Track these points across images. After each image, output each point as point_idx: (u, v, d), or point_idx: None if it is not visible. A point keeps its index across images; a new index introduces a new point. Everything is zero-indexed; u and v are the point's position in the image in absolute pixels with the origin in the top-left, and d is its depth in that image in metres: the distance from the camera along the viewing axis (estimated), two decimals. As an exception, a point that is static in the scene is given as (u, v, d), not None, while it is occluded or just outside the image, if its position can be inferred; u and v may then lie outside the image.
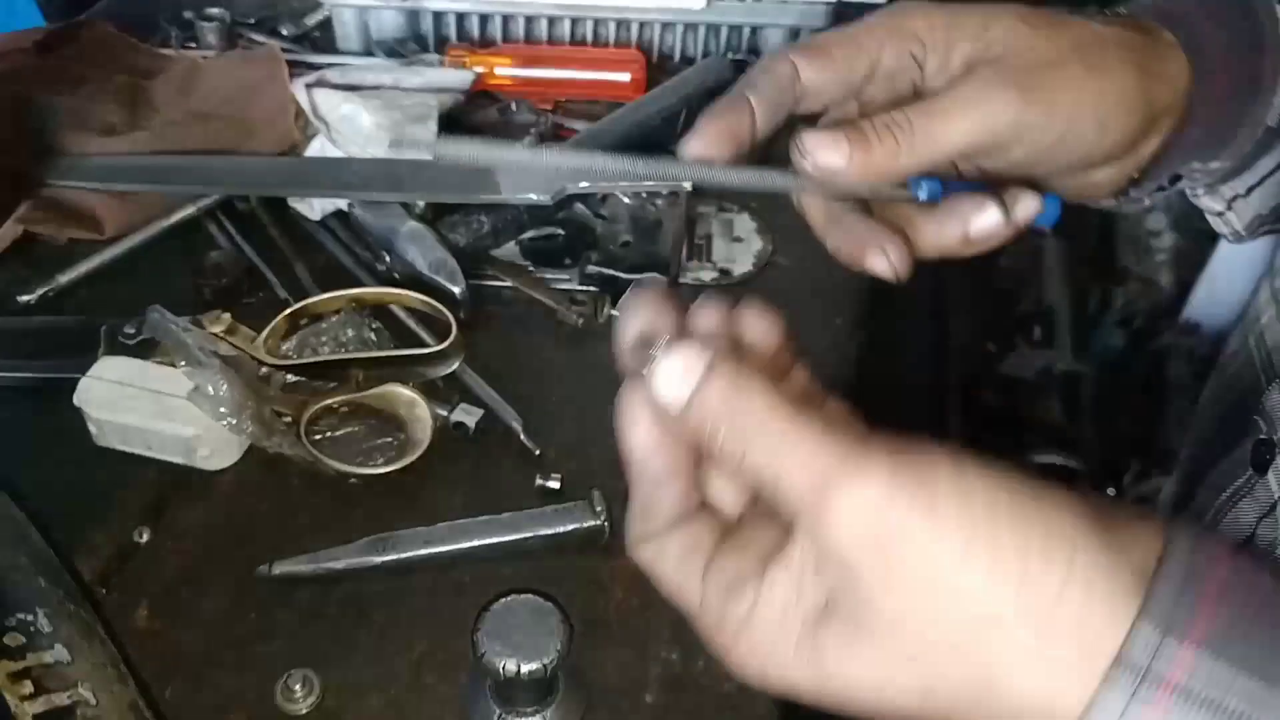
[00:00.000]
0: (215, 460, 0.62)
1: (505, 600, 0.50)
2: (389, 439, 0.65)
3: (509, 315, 0.74)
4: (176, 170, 0.78)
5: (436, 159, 0.36)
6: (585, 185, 0.74)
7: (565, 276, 0.76)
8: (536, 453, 0.64)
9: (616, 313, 0.36)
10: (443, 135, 0.38)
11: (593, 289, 0.75)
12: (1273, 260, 0.55)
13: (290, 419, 0.63)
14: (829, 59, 0.42)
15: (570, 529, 0.59)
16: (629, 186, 0.76)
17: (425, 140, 0.76)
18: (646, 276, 0.74)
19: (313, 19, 0.99)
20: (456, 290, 0.70)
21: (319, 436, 0.64)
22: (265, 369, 0.64)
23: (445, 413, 0.65)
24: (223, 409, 0.57)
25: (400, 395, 0.65)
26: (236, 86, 0.80)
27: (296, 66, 0.84)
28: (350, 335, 0.68)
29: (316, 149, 0.78)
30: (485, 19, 0.93)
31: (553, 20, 0.93)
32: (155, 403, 0.61)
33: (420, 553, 0.58)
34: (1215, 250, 1.59)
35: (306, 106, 0.78)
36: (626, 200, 0.78)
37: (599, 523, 0.58)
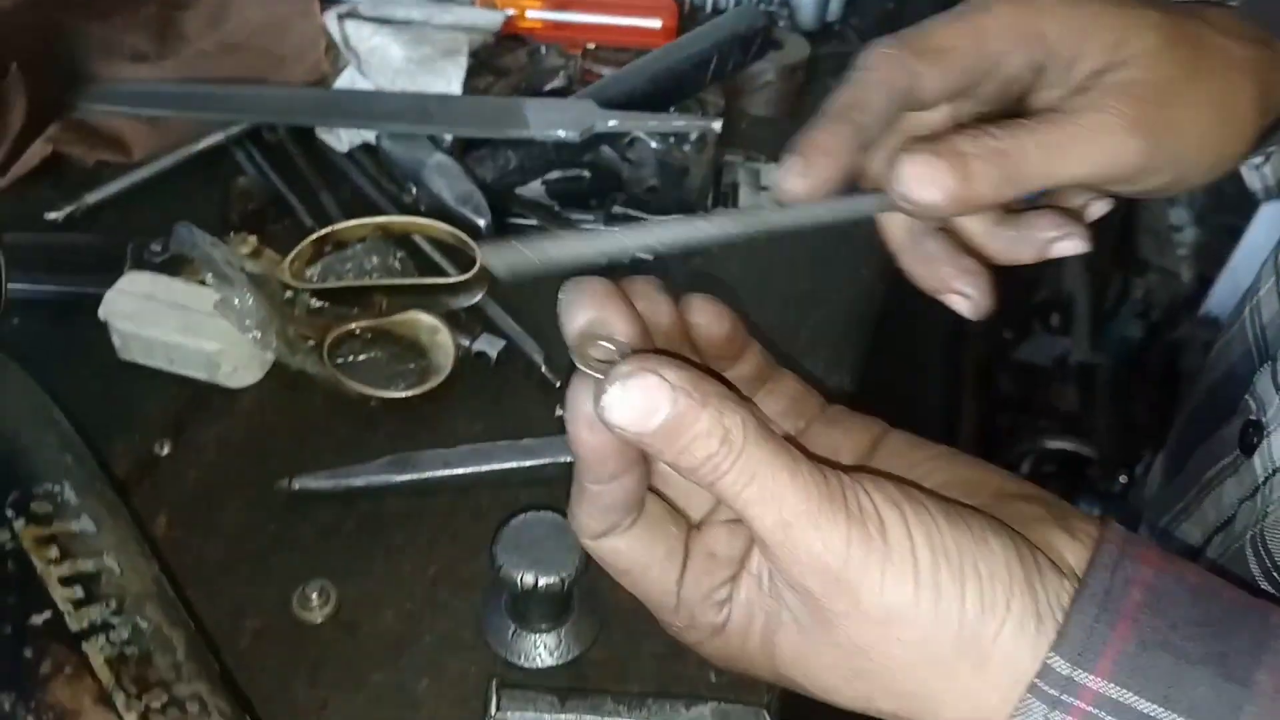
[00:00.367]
0: (238, 377, 0.62)
1: (524, 516, 0.50)
2: (411, 365, 0.65)
3: (533, 252, 0.74)
4: (205, 98, 0.78)
5: (491, 267, 0.33)
6: (614, 124, 0.74)
7: (590, 218, 0.76)
8: (558, 384, 0.64)
9: (561, 296, 0.33)
10: (488, 242, 0.34)
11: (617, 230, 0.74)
12: None
13: (313, 342, 0.63)
14: (950, 64, 0.38)
15: (589, 456, 0.59)
16: (657, 128, 0.76)
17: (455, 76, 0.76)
18: (673, 219, 0.74)
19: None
20: (482, 223, 0.70)
21: (342, 360, 0.64)
22: (290, 292, 0.64)
23: (468, 342, 0.65)
24: (248, 321, 0.58)
25: (423, 322, 0.65)
26: (267, 17, 0.80)
27: (329, -2, 0.84)
28: (375, 263, 0.68)
29: (346, 81, 0.78)
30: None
31: (585, -35, 0.92)
32: (180, 317, 0.61)
33: (440, 474, 0.58)
34: (1238, 245, 1.57)
35: (337, 37, 0.78)
36: (654, 145, 0.78)
37: (618, 452, 0.58)
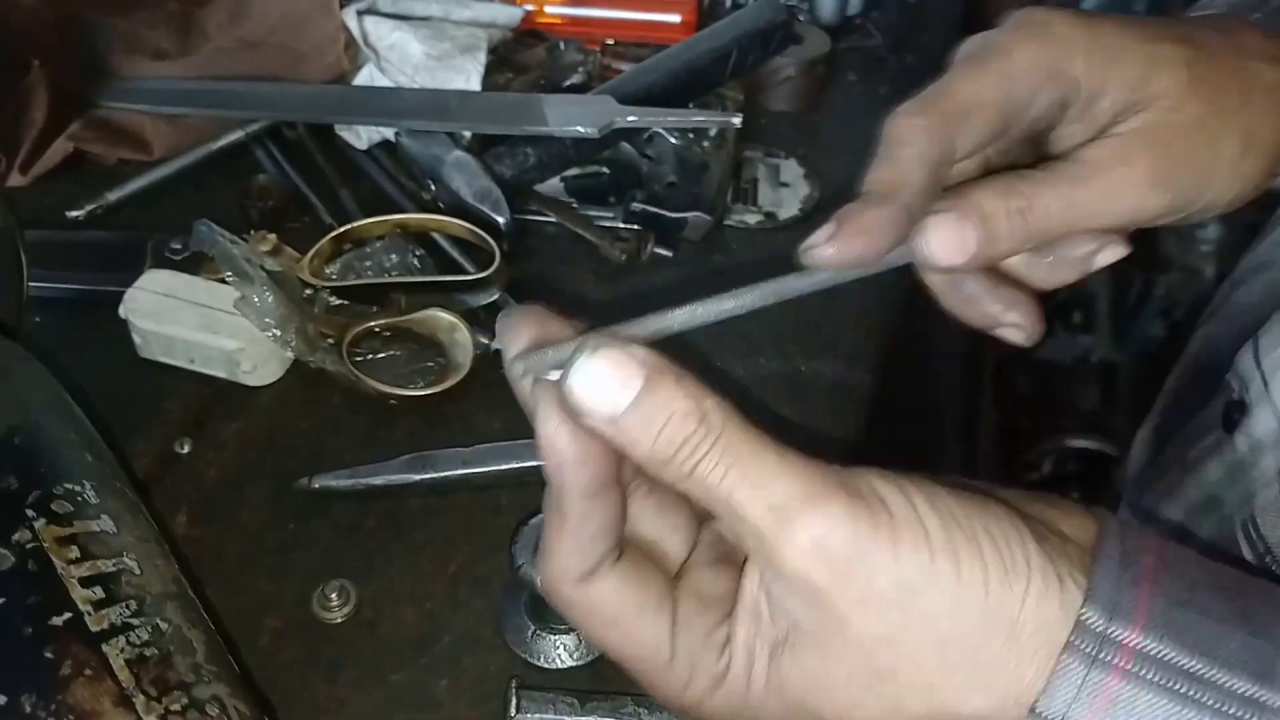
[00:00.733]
0: (257, 375, 0.62)
1: (543, 515, 0.50)
2: (430, 363, 0.65)
3: (551, 249, 0.74)
4: (225, 95, 0.78)
5: (525, 373, 0.31)
6: (633, 120, 0.73)
7: (609, 214, 0.75)
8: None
9: (498, 327, 0.31)
10: (522, 356, 0.31)
11: (636, 227, 0.74)
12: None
13: (333, 340, 0.63)
14: (982, 120, 0.37)
15: (609, 455, 0.58)
16: (676, 124, 0.75)
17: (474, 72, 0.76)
18: (692, 215, 0.74)
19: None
20: (501, 220, 0.69)
21: (360, 358, 0.64)
22: (309, 290, 0.64)
23: (486, 340, 0.65)
24: (268, 319, 0.58)
25: (441, 320, 0.64)
26: (287, 14, 0.80)
27: (348, -5, 0.84)
28: (394, 261, 0.68)
29: (365, 78, 0.78)
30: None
31: (604, -40, 0.92)
32: (200, 315, 0.61)
33: (459, 472, 0.58)
34: (1261, 243, 1.55)
35: (357, 34, 0.78)
36: (673, 140, 0.77)
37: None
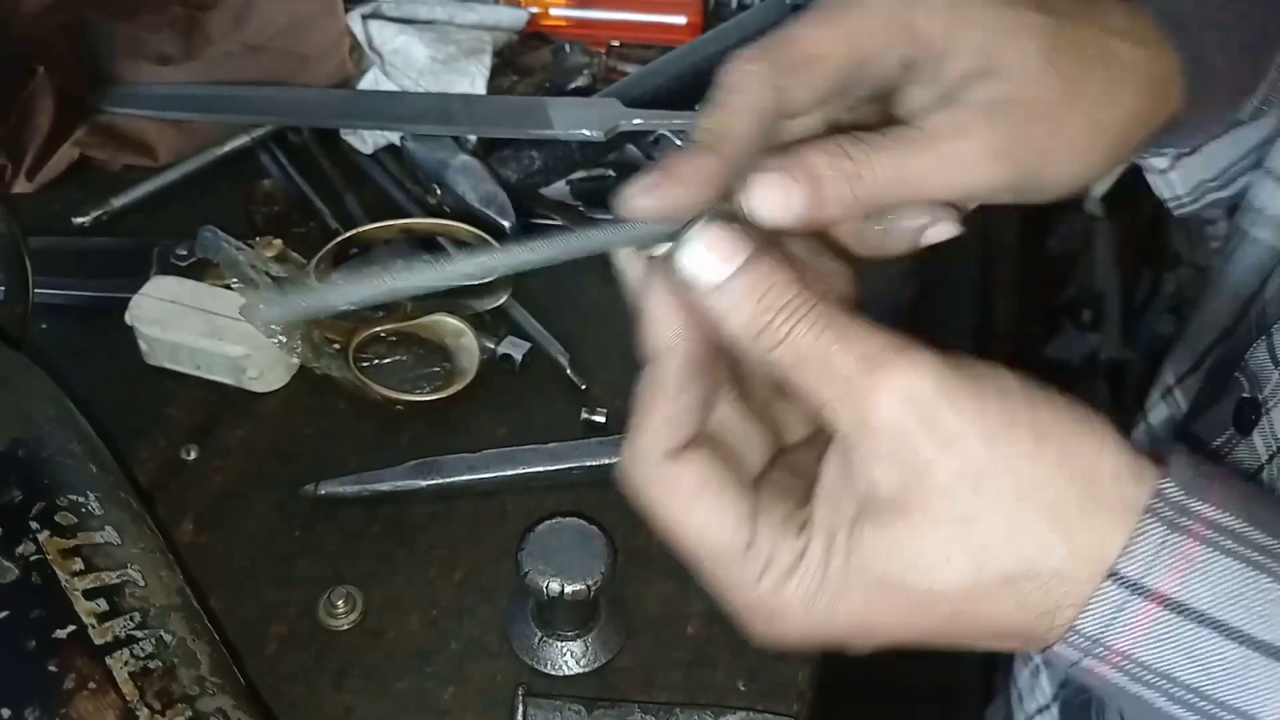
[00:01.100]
0: (263, 382, 0.62)
1: (550, 522, 0.50)
2: (436, 368, 0.64)
3: (557, 253, 0.74)
4: (230, 100, 0.78)
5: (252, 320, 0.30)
6: (639, 123, 0.73)
7: (614, 218, 0.75)
8: (583, 387, 0.64)
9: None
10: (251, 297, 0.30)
11: (642, 230, 0.74)
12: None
13: (339, 345, 0.63)
14: (821, 73, 0.35)
15: (615, 461, 0.58)
16: (682, 126, 0.75)
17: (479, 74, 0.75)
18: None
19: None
20: (506, 224, 0.69)
21: (366, 363, 0.64)
22: (314, 295, 0.64)
23: (493, 345, 0.65)
24: (273, 325, 0.57)
25: (448, 325, 0.64)
26: (291, 19, 0.80)
27: (352, -1, 0.84)
28: (399, 266, 0.68)
29: (370, 82, 0.78)
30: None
31: (609, -38, 0.92)
32: (206, 322, 0.61)
33: (465, 478, 0.58)
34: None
35: (361, 38, 0.78)
36: (679, 143, 0.77)
37: (644, 456, 0.58)
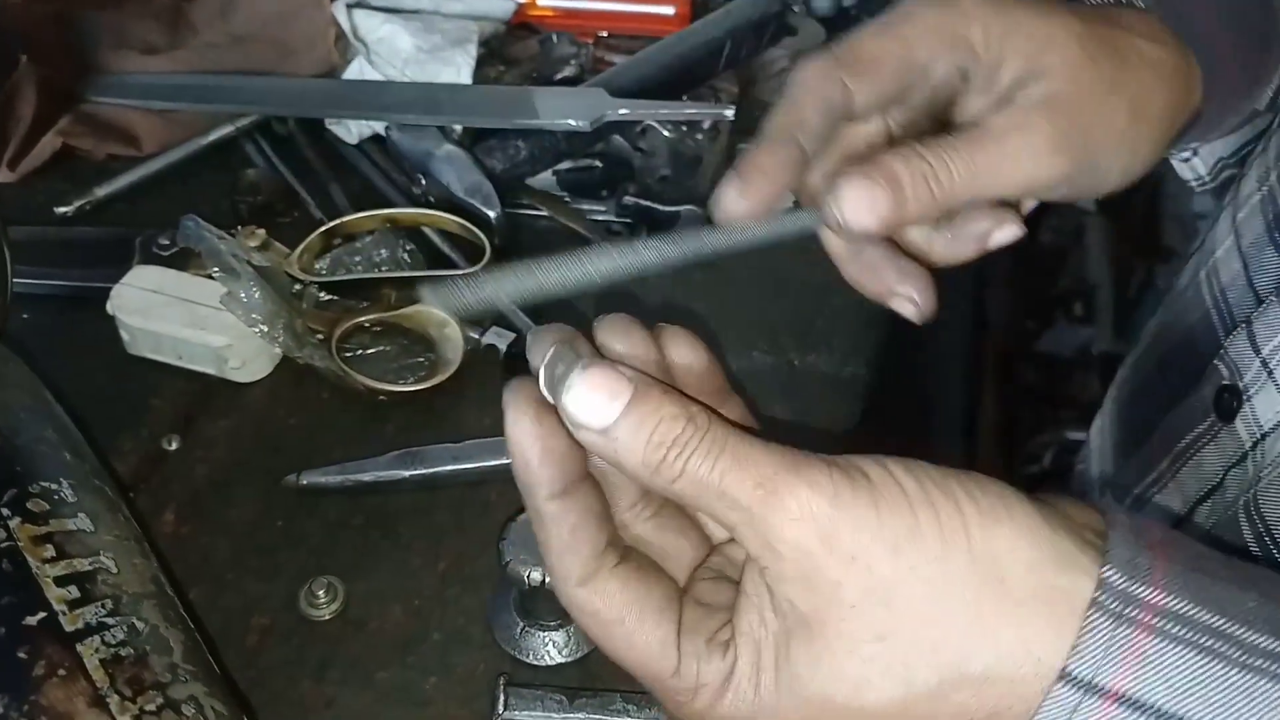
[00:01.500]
0: (246, 372, 0.62)
1: (532, 512, 0.50)
2: (420, 359, 0.64)
3: (543, 244, 0.73)
4: (215, 90, 0.77)
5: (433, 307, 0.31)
6: (625, 113, 0.73)
7: (601, 208, 0.75)
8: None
9: (529, 337, 0.31)
10: (429, 285, 0.32)
11: (629, 221, 0.74)
12: (1238, 190, 0.53)
13: (322, 335, 0.63)
14: (881, 75, 0.38)
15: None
16: (669, 116, 0.75)
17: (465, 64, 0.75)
18: (685, 209, 0.73)
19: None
20: (491, 214, 0.69)
21: (350, 354, 0.64)
22: (298, 285, 0.64)
23: (477, 335, 0.64)
24: (255, 315, 0.57)
25: (432, 315, 0.64)
26: (277, 8, 0.79)
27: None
28: (384, 256, 0.67)
29: (355, 72, 0.77)
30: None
31: (597, -47, 0.91)
32: (188, 312, 0.61)
33: (448, 468, 0.57)
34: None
35: (346, 27, 0.77)
36: (666, 133, 0.77)
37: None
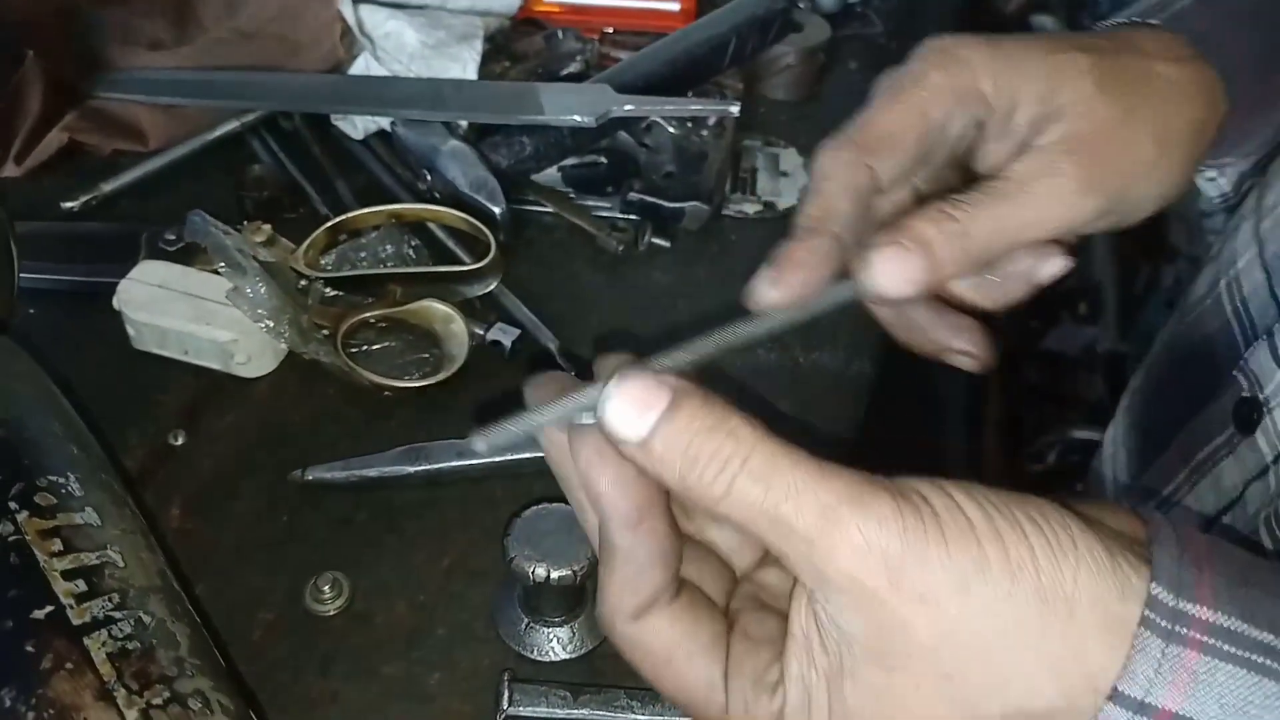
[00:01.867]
0: (252, 367, 0.62)
1: (537, 508, 0.50)
2: (425, 354, 0.64)
3: (548, 239, 0.74)
4: (221, 85, 0.77)
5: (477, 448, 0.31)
6: (630, 109, 0.73)
7: (606, 204, 0.75)
8: (572, 374, 0.64)
9: (526, 393, 0.32)
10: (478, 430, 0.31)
11: (634, 217, 0.74)
12: (1260, 200, 0.53)
13: (327, 331, 0.63)
14: (901, 148, 0.39)
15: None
16: (674, 112, 0.75)
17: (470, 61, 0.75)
18: (690, 205, 0.73)
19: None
20: (497, 210, 0.69)
21: (355, 349, 0.64)
22: (304, 281, 0.64)
23: (482, 331, 0.65)
24: (261, 310, 0.57)
25: (437, 311, 0.64)
26: (283, 4, 0.79)
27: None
28: (389, 251, 0.68)
29: (361, 67, 0.77)
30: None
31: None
32: (194, 307, 0.61)
33: (453, 464, 0.58)
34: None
35: (352, 23, 0.77)
36: (671, 130, 0.77)
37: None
